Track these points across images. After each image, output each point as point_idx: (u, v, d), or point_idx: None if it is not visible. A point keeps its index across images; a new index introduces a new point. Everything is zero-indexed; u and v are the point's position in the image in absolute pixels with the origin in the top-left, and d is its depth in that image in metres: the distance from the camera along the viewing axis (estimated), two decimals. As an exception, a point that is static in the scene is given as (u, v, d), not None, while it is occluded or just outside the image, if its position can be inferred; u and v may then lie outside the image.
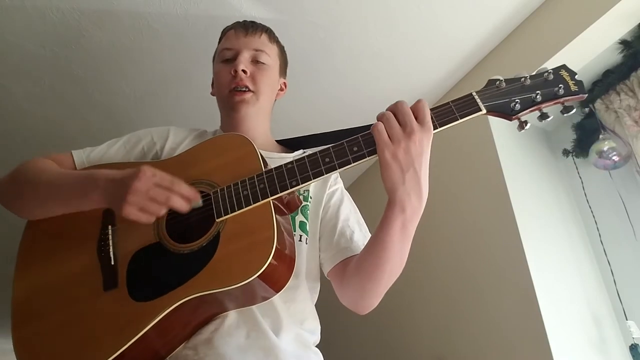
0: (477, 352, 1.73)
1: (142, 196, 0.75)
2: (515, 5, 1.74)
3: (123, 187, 0.76)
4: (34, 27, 1.65)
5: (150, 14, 1.65)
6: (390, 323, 2.18)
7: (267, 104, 1.08)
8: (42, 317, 0.79)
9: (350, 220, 1.00)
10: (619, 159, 1.67)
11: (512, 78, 0.82)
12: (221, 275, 0.73)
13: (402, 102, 0.78)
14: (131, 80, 1.93)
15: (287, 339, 0.85)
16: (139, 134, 1.04)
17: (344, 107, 2.18)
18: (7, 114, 2.00)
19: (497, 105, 0.79)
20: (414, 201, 0.76)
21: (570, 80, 0.80)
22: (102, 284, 0.80)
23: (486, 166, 1.84)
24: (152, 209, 0.76)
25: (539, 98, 0.78)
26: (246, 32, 1.07)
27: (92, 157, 0.98)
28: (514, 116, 0.79)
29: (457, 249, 1.91)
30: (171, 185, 0.78)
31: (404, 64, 1.97)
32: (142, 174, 0.76)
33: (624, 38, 1.62)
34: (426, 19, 1.75)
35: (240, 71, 1.01)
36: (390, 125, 0.76)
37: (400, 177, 0.74)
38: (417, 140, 0.74)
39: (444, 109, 0.78)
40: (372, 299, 0.89)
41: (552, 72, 0.80)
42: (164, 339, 0.79)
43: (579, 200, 1.88)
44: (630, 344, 1.55)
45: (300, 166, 0.80)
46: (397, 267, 0.85)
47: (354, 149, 0.78)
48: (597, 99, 1.76)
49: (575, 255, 1.76)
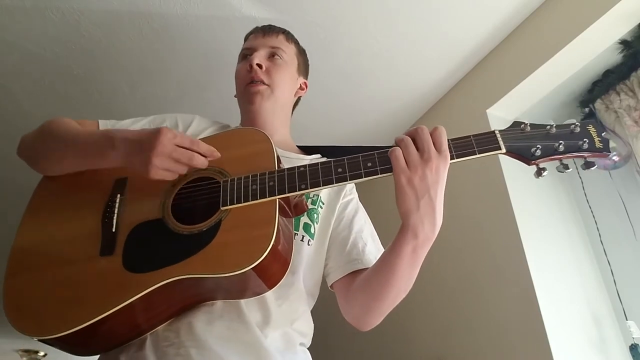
0: (477, 352, 1.73)
1: (166, 157, 0.78)
2: (515, 5, 1.74)
3: (146, 149, 0.78)
4: (34, 27, 1.65)
5: (150, 14, 1.65)
6: (390, 323, 2.17)
7: (284, 99, 1.09)
8: (36, 270, 0.81)
9: (364, 232, 1.00)
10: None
11: (538, 124, 0.81)
12: (214, 261, 0.74)
13: (422, 127, 0.77)
14: (131, 80, 1.93)
15: (273, 336, 0.85)
16: (165, 116, 1.08)
17: (344, 106, 2.19)
18: (7, 114, 2.00)
19: (518, 148, 0.79)
20: (427, 228, 0.76)
21: (596, 137, 0.80)
22: (99, 249, 0.81)
23: (486, 166, 1.84)
24: (176, 168, 0.80)
25: (561, 148, 0.78)
26: (264, 33, 1.11)
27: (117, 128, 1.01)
28: (532, 161, 0.79)
29: (458, 249, 1.91)
30: (191, 145, 0.81)
31: (404, 64, 1.97)
32: (164, 136, 0.78)
33: (624, 38, 1.62)
34: (426, 19, 1.75)
35: (255, 65, 1.04)
36: (408, 152, 0.76)
37: (415, 203, 0.74)
38: (434, 168, 0.74)
39: (464, 141, 0.79)
40: (375, 318, 0.90)
41: (580, 125, 0.81)
42: (148, 313, 0.79)
43: (579, 200, 1.88)
44: (630, 344, 1.55)
45: (312, 171, 0.81)
46: (404, 290, 0.86)
47: (368, 164, 0.79)
48: (597, 99, 1.76)
49: (575, 255, 1.76)
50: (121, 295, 0.74)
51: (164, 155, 0.78)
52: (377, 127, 2.36)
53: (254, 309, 0.85)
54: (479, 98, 1.96)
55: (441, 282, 1.96)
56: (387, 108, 2.25)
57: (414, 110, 2.29)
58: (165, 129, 0.79)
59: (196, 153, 0.82)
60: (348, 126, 2.34)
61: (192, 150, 0.81)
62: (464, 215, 1.91)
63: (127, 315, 0.76)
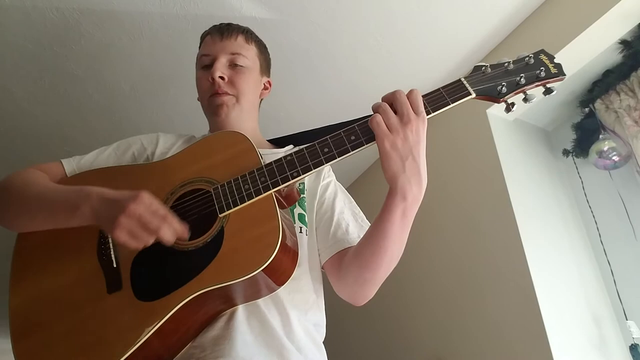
0: (477, 352, 1.73)
1: (134, 221, 0.72)
2: (515, 5, 1.74)
3: (117, 208, 0.73)
4: (34, 27, 1.65)
5: (150, 14, 1.65)
6: (390, 323, 2.18)
7: (249, 105, 1.08)
8: (45, 327, 0.77)
9: (345, 213, 1.01)
10: (619, 159, 1.67)
11: (496, 64, 0.86)
12: (229, 268, 0.74)
13: (399, 91, 0.79)
14: (131, 80, 1.93)
15: (296, 335, 0.86)
16: (129, 141, 1.04)
17: (344, 106, 2.18)
18: (7, 114, 2.00)
19: (485, 89, 0.83)
20: (414, 188, 0.78)
21: (549, 63, 0.85)
22: (105, 287, 0.79)
23: (486, 166, 1.84)
24: (141, 235, 0.73)
25: (522, 81, 0.83)
26: (222, 36, 1.07)
27: (82, 165, 0.97)
28: (501, 99, 0.83)
29: (457, 248, 1.91)
30: (165, 216, 0.74)
31: (404, 64, 1.97)
32: (141, 199, 0.73)
33: (624, 38, 1.62)
34: (426, 18, 1.75)
35: (218, 78, 1.02)
36: (387, 116, 0.78)
37: (400, 165, 0.76)
38: (415, 129, 0.77)
39: (435, 95, 0.82)
40: (370, 289, 0.90)
41: (533, 56, 0.85)
42: (174, 336, 0.78)
43: (579, 200, 1.88)
44: (630, 344, 1.55)
45: (299, 157, 0.81)
46: (396, 255, 0.86)
47: (352, 137, 0.80)
48: (597, 99, 1.75)
49: (575, 255, 1.76)
50: (143, 325, 0.72)
51: (133, 218, 0.72)
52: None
53: (272, 309, 0.85)
54: (479, 98, 1.96)
55: (441, 282, 1.96)
56: (387, 108, 2.25)
57: (414, 110, 2.28)
58: (146, 194, 0.74)
59: (168, 226, 0.74)
60: (348, 126, 2.34)
61: (165, 221, 0.74)
62: (463, 215, 1.91)
63: (155, 342, 0.74)
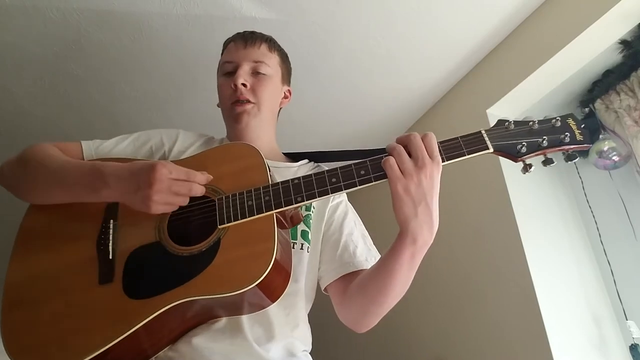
0: (477, 352, 1.73)
1: (165, 192, 0.77)
2: (515, 5, 1.74)
3: (144, 187, 0.76)
4: (34, 27, 1.65)
5: (150, 14, 1.65)
6: (390, 323, 2.18)
7: (270, 114, 1.08)
8: (34, 306, 0.79)
9: (354, 235, 1.01)
10: (619, 159, 1.67)
11: (521, 121, 0.84)
12: (217, 281, 0.74)
13: (414, 134, 0.78)
14: (131, 80, 1.93)
15: (276, 349, 0.86)
16: (149, 133, 1.05)
17: (344, 106, 2.19)
18: (7, 114, 2.00)
19: (504, 146, 0.81)
20: (425, 233, 0.77)
21: (576, 129, 0.82)
22: (97, 277, 0.80)
23: (486, 166, 1.84)
24: (177, 201, 0.79)
25: (544, 143, 0.80)
26: (245, 44, 1.07)
27: (100, 150, 0.98)
28: (519, 158, 0.81)
29: (457, 249, 1.91)
30: (188, 177, 0.81)
31: (404, 64, 1.97)
32: (159, 172, 0.77)
33: (624, 38, 1.62)
34: (426, 18, 1.75)
35: (240, 85, 1.02)
36: (402, 160, 0.77)
37: (412, 210, 0.75)
38: (429, 174, 0.76)
39: (453, 143, 0.80)
40: (372, 320, 0.91)
41: (560, 119, 0.82)
42: (153, 338, 0.79)
43: (579, 200, 1.88)
44: (630, 344, 1.56)
45: (306, 183, 0.81)
46: (401, 293, 0.87)
47: (362, 172, 0.80)
48: (597, 99, 1.76)
49: (575, 255, 1.76)
50: (125, 323, 0.73)
51: (162, 192, 0.77)
52: (377, 127, 2.36)
53: (255, 324, 0.85)
54: (479, 98, 1.96)
55: (441, 283, 1.96)
56: (387, 108, 2.25)
57: (413, 110, 2.29)
58: (159, 164, 0.78)
59: (194, 183, 0.81)
60: (347, 126, 2.34)
61: (189, 180, 0.81)
62: (464, 215, 1.91)
63: (133, 342, 0.75)
